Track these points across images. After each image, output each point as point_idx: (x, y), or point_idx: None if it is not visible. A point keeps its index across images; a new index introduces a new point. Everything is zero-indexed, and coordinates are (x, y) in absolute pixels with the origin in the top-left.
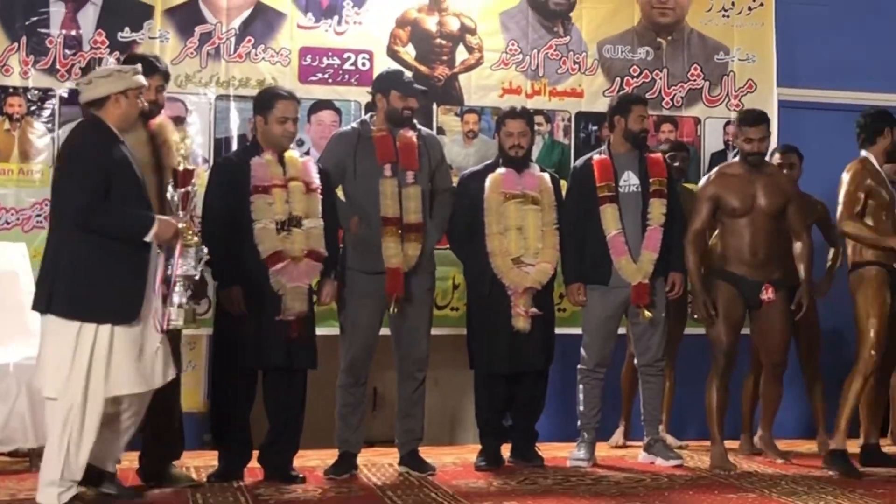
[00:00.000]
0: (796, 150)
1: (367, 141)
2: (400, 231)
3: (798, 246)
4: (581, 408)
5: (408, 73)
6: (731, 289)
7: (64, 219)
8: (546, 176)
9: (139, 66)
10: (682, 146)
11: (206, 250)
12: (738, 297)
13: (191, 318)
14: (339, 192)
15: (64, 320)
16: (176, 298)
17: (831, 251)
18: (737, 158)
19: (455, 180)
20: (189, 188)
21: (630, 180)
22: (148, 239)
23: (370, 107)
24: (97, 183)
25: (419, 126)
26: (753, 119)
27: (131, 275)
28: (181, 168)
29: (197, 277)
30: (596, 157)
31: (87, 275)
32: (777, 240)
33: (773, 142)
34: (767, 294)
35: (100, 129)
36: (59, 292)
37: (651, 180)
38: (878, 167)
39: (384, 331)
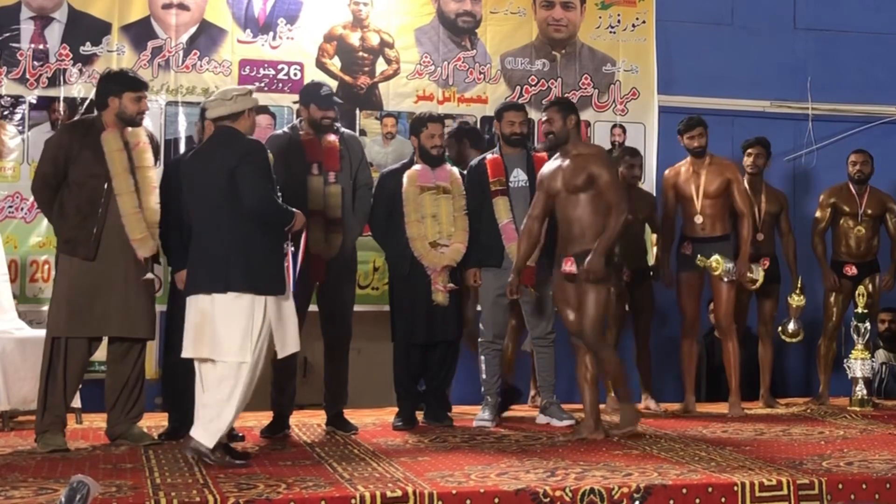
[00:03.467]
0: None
1: (296, 143)
2: (324, 226)
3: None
4: (483, 376)
5: (327, 87)
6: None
7: (223, 208)
8: (455, 170)
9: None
10: (635, 152)
11: None
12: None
13: None
14: None
15: (240, 294)
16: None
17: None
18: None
19: (375, 176)
20: None
21: (519, 177)
22: (288, 227)
23: (300, 112)
24: (272, 181)
25: (342, 129)
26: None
27: (280, 253)
28: None
29: None
30: (489, 156)
31: (260, 254)
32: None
33: (654, 143)
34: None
35: (247, 137)
36: (237, 272)
37: (537, 175)
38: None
39: (313, 307)
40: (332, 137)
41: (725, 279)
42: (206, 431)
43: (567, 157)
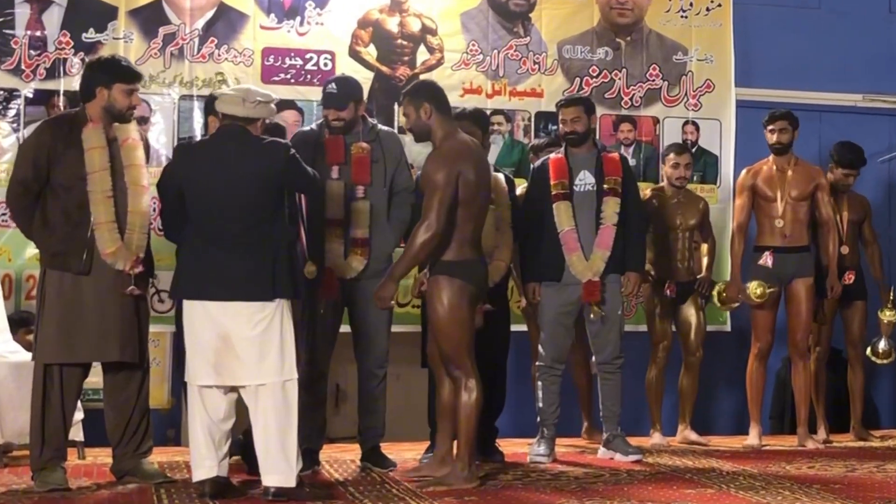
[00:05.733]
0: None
1: (321, 143)
2: (344, 239)
3: None
4: (540, 404)
5: (333, 85)
6: None
7: (269, 215)
8: (500, 176)
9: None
10: (682, 148)
11: None
12: None
13: None
14: None
15: (280, 302)
16: None
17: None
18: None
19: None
20: None
21: (586, 179)
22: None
23: None
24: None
25: (379, 126)
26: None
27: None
28: None
29: None
30: (553, 156)
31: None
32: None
33: (731, 141)
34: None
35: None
36: (284, 277)
37: (606, 179)
38: None
39: (346, 328)
40: (364, 144)
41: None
42: (283, 475)
43: None
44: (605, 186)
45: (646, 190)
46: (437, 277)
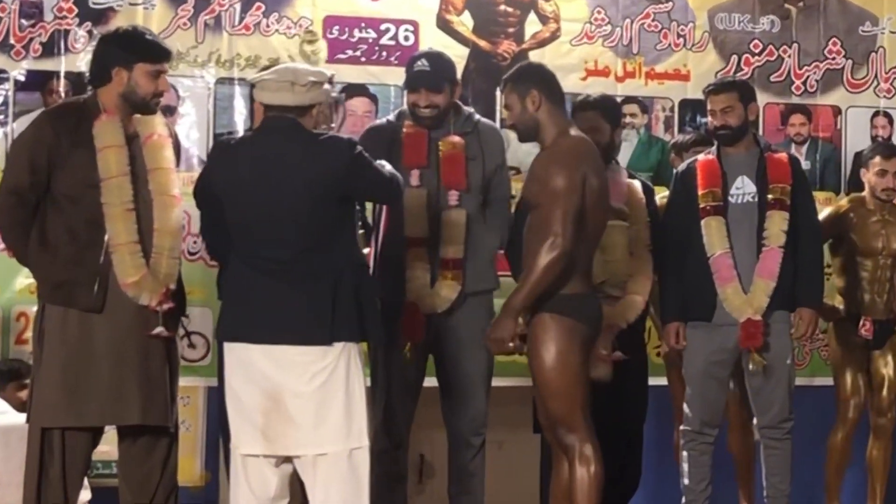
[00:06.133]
0: None
1: (399, 139)
2: (430, 263)
3: None
4: (686, 480)
5: (423, 61)
6: None
7: (327, 236)
8: (637, 184)
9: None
10: (893, 149)
11: None
12: None
13: None
14: None
15: (345, 345)
16: None
17: None
18: None
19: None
20: None
21: (745, 188)
22: None
23: None
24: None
25: (477, 117)
26: None
27: None
28: None
29: None
30: (702, 157)
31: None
32: None
33: None
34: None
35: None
36: (348, 314)
37: (770, 187)
38: None
39: (430, 381)
40: (455, 139)
41: None
42: None
43: None
44: (770, 197)
45: (841, 201)
46: (542, 316)
